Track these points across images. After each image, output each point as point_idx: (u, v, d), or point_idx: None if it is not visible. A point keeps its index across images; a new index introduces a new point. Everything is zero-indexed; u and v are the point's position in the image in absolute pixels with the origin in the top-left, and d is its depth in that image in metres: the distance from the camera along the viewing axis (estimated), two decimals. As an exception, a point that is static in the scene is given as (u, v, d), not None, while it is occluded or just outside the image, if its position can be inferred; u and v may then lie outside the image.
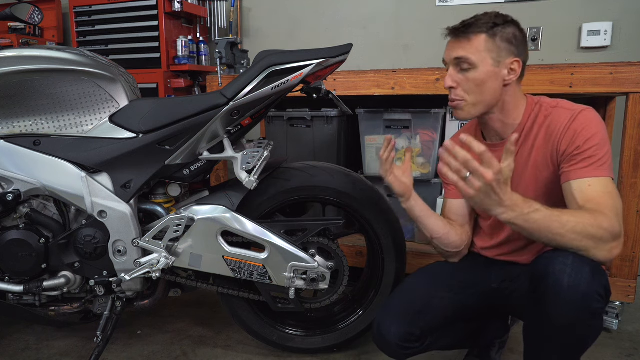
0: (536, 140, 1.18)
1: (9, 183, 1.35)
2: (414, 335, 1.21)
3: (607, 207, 1.00)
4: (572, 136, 1.10)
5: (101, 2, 2.77)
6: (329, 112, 2.05)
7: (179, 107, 1.35)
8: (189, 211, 1.40)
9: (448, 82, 1.18)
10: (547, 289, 0.96)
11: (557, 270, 0.95)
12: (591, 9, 2.34)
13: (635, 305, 1.95)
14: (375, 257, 1.60)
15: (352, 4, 2.78)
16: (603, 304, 0.96)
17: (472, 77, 1.15)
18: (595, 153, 1.07)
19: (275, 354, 1.65)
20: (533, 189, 1.20)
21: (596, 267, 0.97)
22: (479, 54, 1.13)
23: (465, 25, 1.15)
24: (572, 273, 0.94)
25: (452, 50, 1.17)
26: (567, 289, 0.93)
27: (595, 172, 1.06)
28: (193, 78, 2.91)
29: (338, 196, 1.50)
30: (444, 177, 1.40)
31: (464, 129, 1.40)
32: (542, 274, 0.98)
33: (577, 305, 0.93)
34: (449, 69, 1.19)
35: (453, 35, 1.17)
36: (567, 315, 0.94)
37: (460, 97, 1.18)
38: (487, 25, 1.13)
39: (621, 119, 1.69)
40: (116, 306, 1.46)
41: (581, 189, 1.06)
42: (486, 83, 1.15)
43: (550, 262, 0.97)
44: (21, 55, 1.30)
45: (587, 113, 1.12)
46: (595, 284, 0.94)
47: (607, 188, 1.04)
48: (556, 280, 0.95)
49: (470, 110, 1.19)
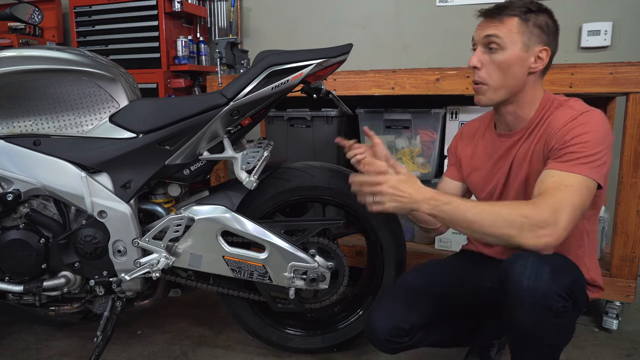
0: (536, 137, 1.18)
1: (9, 183, 1.35)
2: (403, 330, 1.22)
3: (549, 197, 1.00)
4: (564, 133, 1.08)
5: (101, 2, 2.77)
6: (329, 112, 2.05)
7: (179, 107, 1.35)
8: (189, 211, 1.40)
9: (473, 61, 1.15)
10: (510, 291, 0.98)
11: (517, 273, 0.97)
12: (591, 9, 2.34)
13: (635, 305, 1.95)
14: (375, 257, 1.60)
15: (352, 4, 2.78)
16: (565, 302, 0.96)
17: (499, 59, 1.12)
18: (581, 150, 1.04)
19: (275, 354, 1.65)
20: (527, 185, 1.20)
21: (560, 267, 0.97)
22: (510, 35, 1.11)
23: (500, 7, 1.13)
24: (531, 275, 0.95)
25: (483, 29, 1.15)
26: (526, 289, 0.95)
27: (574, 168, 1.03)
28: (193, 78, 2.91)
29: (338, 196, 1.50)
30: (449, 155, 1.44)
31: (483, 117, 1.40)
32: (505, 276, 0.99)
33: (537, 305, 0.95)
34: (477, 49, 1.16)
35: (486, 15, 1.15)
36: (528, 316, 0.96)
37: (482, 80, 1.15)
38: (521, 10, 1.12)
39: (621, 119, 1.69)
40: (116, 306, 1.46)
41: (542, 180, 1.06)
42: (512, 67, 1.12)
43: (512, 265, 0.98)
44: (21, 55, 1.30)
45: (589, 113, 1.09)
46: (555, 284, 0.95)
47: (567, 181, 1.01)
48: (516, 282, 0.96)
49: (492, 96, 1.16)
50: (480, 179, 1.32)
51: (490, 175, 1.29)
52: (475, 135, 1.36)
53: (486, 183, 1.31)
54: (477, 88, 1.18)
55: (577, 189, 1.01)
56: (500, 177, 1.26)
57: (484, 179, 1.31)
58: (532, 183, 1.18)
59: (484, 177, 1.31)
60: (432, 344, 1.35)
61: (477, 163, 1.33)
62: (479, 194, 1.35)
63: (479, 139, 1.35)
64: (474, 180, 1.35)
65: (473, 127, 1.39)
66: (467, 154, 1.36)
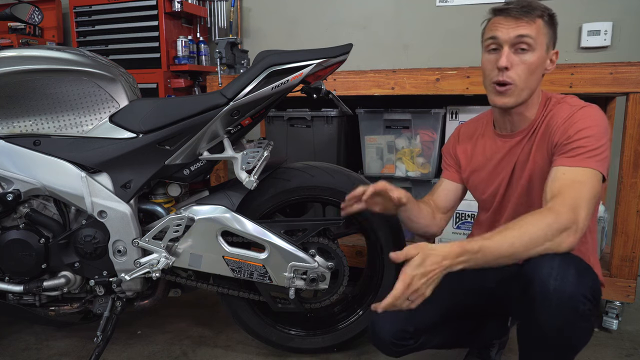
0: (537, 136, 1.18)
1: (9, 183, 1.35)
2: (407, 332, 1.21)
3: (565, 198, 1.00)
4: (566, 128, 1.10)
5: (101, 2, 2.77)
6: (329, 112, 2.05)
7: (179, 107, 1.35)
8: (189, 211, 1.40)
9: (504, 62, 1.10)
10: (535, 294, 0.97)
11: (543, 274, 0.96)
12: (591, 9, 2.34)
13: (635, 305, 1.95)
14: (375, 257, 1.60)
15: (352, 4, 2.78)
16: (590, 305, 0.96)
17: (529, 60, 1.11)
18: (586, 144, 1.05)
19: (275, 354, 1.65)
20: (531, 184, 1.20)
21: (583, 269, 0.97)
22: (539, 36, 1.10)
23: (524, 6, 1.10)
24: (558, 276, 0.94)
25: (512, 28, 1.10)
26: (553, 292, 0.94)
27: (582, 162, 1.04)
28: (193, 78, 2.91)
29: (338, 196, 1.49)
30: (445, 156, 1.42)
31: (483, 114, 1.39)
32: (530, 278, 0.98)
33: (564, 308, 0.94)
34: (504, 49, 1.11)
35: (513, 14, 1.10)
36: (554, 318, 0.95)
37: (511, 80, 1.12)
38: (544, 11, 1.11)
39: (621, 119, 1.69)
40: (116, 306, 1.46)
41: (553, 179, 1.06)
42: (538, 68, 1.12)
43: (537, 267, 0.98)
44: (21, 55, 1.30)
45: (587, 108, 1.11)
46: (582, 286, 0.95)
47: (579, 177, 1.03)
48: (542, 284, 0.95)
49: (518, 97, 1.14)
50: (482, 180, 1.32)
51: (493, 177, 1.29)
52: (474, 136, 1.36)
53: (488, 184, 1.30)
54: (505, 90, 1.13)
55: (589, 183, 1.02)
56: (503, 178, 1.26)
57: (485, 180, 1.31)
58: (536, 182, 1.19)
59: (485, 178, 1.31)
60: (436, 346, 1.34)
61: (477, 164, 1.33)
62: (481, 195, 1.34)
63: (478, 139, 1.34)
64: (474, 182, 1.35)
65: (470, 128, 1.39)
66: (467, 155, 1.36)
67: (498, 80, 1.13)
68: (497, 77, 1.13)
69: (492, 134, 1.30)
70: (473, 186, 1.36)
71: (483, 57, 1.18)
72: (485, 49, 1.17)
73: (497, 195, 1.29)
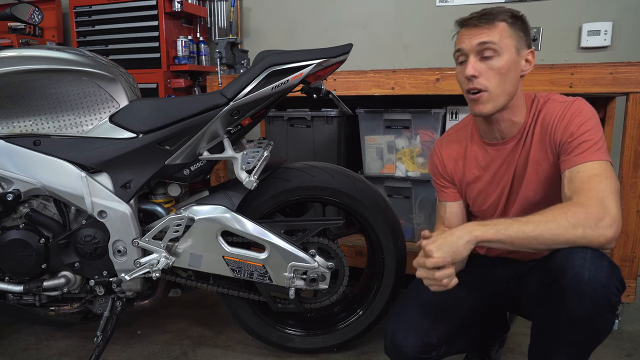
0: (533, 136, 1.18)
1: (9, 183, 1.35)
2: (431, 344, 1.19)
3: (588, 192, 1.00)
4: (565, 125, 1.10)
5: (101, 2, 2.77)
6: (329, 112, 2.04)
7: (179, 107, 1.35)
8: (189, 211, 1.40)
9: (470, 71, 1.11)
10: (567, 283, 0.96)
11: (576, 265, 0.95)
12: (591, 9, 2.34)
13: (635, 305, 1.95)
14: (375, 257, 1.60)
15: (352, 4, 2.78)
16: (620, 297, 0.97)
17: (497, 64, 1.10)
18: (590, 137, 1.07)
19: (275, 354, 1.65)
20: (534, 186, 1.20)
21: (613, 262, 0.98)
22: (503, 40, 1.10)
23: (484, 14, 1.11)
24: (592, 267, 0.94)
25: (474, 36, 1.11)
26: (587, 282, 0.94)
27: (592, 156, 1.05)
28: (193, 78, 2.91)
29: (338, 196, 1.50)
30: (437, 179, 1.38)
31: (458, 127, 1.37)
32: (561, 268, 0.97)
33: (598, 298, 0.94)
34: (470, 58, 1.12)
35: (472, 23, 1.12)
36: (587, 308, 0.95)
37: (483, 87, 1.12)
38: (506, 14, 1.11)
39: (621, 119, 1.69)
40: (116, 306, 1.46)
41: (570, 178, 1.06)
42: (510, 71, 1.12)
43: (569, 257, 0.97)
44: (21, 55, 1.30)
45: (578, 102, 1.13)
46: (614, 277, 0.95)
47: (594, 171, 1.03)
48: (576, 274, 0.95)
49: (494, 103, 1.13)
50: (481, 191, 1.29)
51: (492, 186, 1.27)
52: (460, 151, 1.32)
53: (489, 194, 1.28)
54: (477, 97, 1.13)
55: (606, 174, 1.03)
56: (504, 186, 1.25)
57: (485, 190, 1.28)
58: (539, 184, 1.18)
59: (483, 189, 1.28)
60: (455, 352, 1.32)
61: (472, 176, 1.30)
62: (481, 206, 1.31)
63: (467, 151, 1.31)
64: (472, 194, 1.32)
65: (452, 141, 1.35)
66: (459, 170, 1.32)
67: (469, 88, 1.14)
68: (467, 85, 1.14)
69: (481, 143, 1.27)
70: (471, 198, 1.33)
71: (456, 70, 1.19)
72: (456, 63, 1.18)
73: (499, 204, 1.27)
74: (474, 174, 1.29)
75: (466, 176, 1.31)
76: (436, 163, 1.36)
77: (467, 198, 1.34)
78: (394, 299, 1.59)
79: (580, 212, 0.97)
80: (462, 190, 1.34)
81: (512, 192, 1.25)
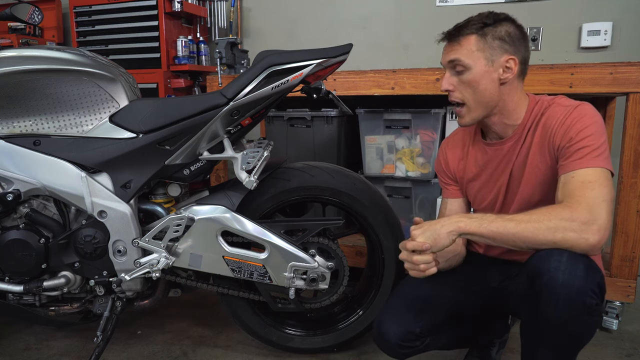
0: (533, 138, 1.18)
1: (9, 183, 1.35)
2: (413, 333, 1.22)
3: (579, 197, 1.00)
4: (565, 129, 1.10)
5: (101, 2, 2.77)
6: (329, 112, 2.05)
7: (179, 107, 1.35)
8: (189, 211, 1.40)
9: (444, 85, 1.20)
10: (542, 287, 0.97)
11: (551, 268, 0.96)
12: (591, 9, 2.34)
13: (635, 305, 1.95)
14: (375, 257, 1.60)
15: (352, 4, 2.78)
16: (597, 300, 0.96)
17: (467, 78, 1.16)
18: (589, 143, 1.06)
19: (275, 354, 1.65)
20: (531, 188, 1.20)
21: (590, 264, 0.97)
22: (470, 55, 1.14)
23: (457, 28, 1.17)
24: (566, 270, 0.95)
25: (446, 54, 1.20)
26: (561, 285, 0.94)
27: (590, 162, 1.05)
28: (193, 78, 2.91)
29: (338, 196, 1.50)
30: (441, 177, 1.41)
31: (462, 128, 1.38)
32: (537, 271, 0.98)
33: (572, 301, 0.94)
34: (445, 73, 1.21)
35: (447, 39, 1.20)
36: (562, 311, 0.95)
37: (459, 100, 1.19)
38: (476, 26, 1.14)
39: (621, 119, 1.69)
40: (116, 306, 1.46)
41: (564, 182, 1.06)
42: (480, 83, 1.15)
43: (545, 260, 0.98)
44: (21, 55, 1.30)
45: (582, 107, 1.12)
46: (589, 280, 0.95)
47: (589, 177, 1.03)
48: (550, 277, 0.95)
49: (472, 115, 1.19)
50: (479, 189, 1.31)
51: (489, 185, 1.29)
52: (463, 148, 1.35)
53: (487, 192, 1.30)
54: (458, 111, 1.21)
55: (601, 182, 1.02)
56: (501, 185, 1.26)
57: (483, 188, 1.30)
58: (536, 185, 1.19)
59: (482, 186, 1.30)
60: (441, 347, 1.34)
61: (471, 174, 1.33)
62: (479, 205, 1.34)
63: (469, 150, 1.34)
64: (471, 192, 1.34)
65: (457, 141, 1.38)
66: (461, 168, 1.35)
67: (449, 100, 1.22)
68: (449, 98, 1.22)
69: (481, 143, 1.30)
70: (470, 196, 1.36)
71: None
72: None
73: (496, 202, 1.28)
74: (473, 172, 1.32)
75: (466, 174, 1.34)
76: (440, 160, 1.41)
77: (468, 196, 1.37)
78: (394, 299, 1.59)
79: (565, 215, 0.97)
80: (464, 188, 1.37)
81: (509, 192, 1.26)
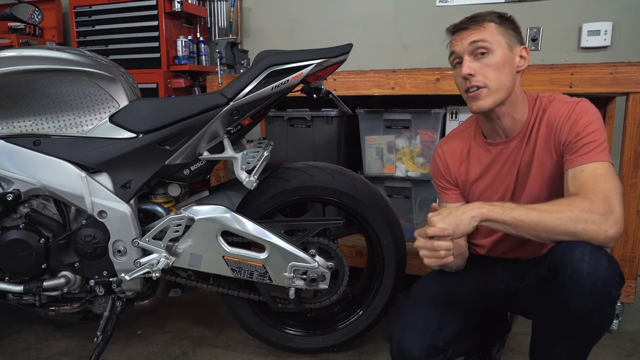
0: (538, 135, 1.18)
1: (9, 183, 1.35)
2: (437, 348, 1.19)
3: (593, 189, 1.01)
4: (571, 124, 1.11)
5: (101, 2, 2.77)
6: (329, 112, 2.04)
7: (179, 107, 1.35)
8: (189, 211, 1.40)
9: (465, 70, 1.14)
10: (566, 278, 0.96)
11: (575, 259, 0.95)
12: (591, 9, 2.34)
13: (635, 305, 1.95)
14: (375, 257, 1.60)
15: (352, 4, 2.78)
16: (619, 291, 0.97)
17: (491, 61, 1.13)
18: (595, 138, 1.08)
19: (275, 354, 1.65)
20: (539, 185, 1.20)
21: (611, 256, 0.98)
22: (494, 37, 1.13)
23: (472, 17, 1.16)
24: (591, 261, 0.94)
25: (465, 38, 1.15)
26: (587, 276, 0.94)
27: (597, 157, 1.07)
28: (193, 78, 2.91)
29: (338, 196, 1.50)
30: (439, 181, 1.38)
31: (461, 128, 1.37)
32: (560, 263, 0.97)
33: (597, 292, 0.94)
34: (464, 58, 1.15)
35: (462, 27, 1.17)
36: (587, 302, 0.94)
37: (481, 83, 1.14)
38: (493, 15, 1.15)
39: (621, 119, 1.69)
40: (116, 306, 1.46)
41: (574, 176, 1.07)
42: (505, 66, 1.14)
43: (568, 252, 0.97)
44: (21, 55, 1.30)
45: (583, 103, 1.14)
46: (613, 271, 0.95)
47: (598, 171, 1.05)
48: (575, 268, 0.95)
49: (494, 98, 1.15)
50: (485, 189, 1.29)
51: (496, 184, 1.27)
52: (463, 151, 1.33)
53: (494, 192, 1.28)
54: (476, 94, 1.15)
55: (610, 175, 1.04)
56: (509, 184, 1.25)
57: (489, 188, 1.29)
58: (544, 182, 1.19)
59: (486, 187, 1.29)
60: (461, 354, 1.32)
61: (475, 175, 1.30)
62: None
63: (471, 152, 1.32)
64: (476, 192, 1.31)
65: (456, 145, 1.35)
66: (462, 171, 1.33)
67: (467, 87, 1.16)
68: (465, 85, 1.16)
69: (483, 144, 1.28)
70: (475, 197, 1.32)
71: (453, 74, 1.23)
72: (452, 67, 1.22)
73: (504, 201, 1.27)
74: (476, 173, 1.30)
75: (470, 176, 1.31)
76: (438, 164, 1.37)
77: (471, 197, 1.34)
78: (394, 299, 1.59)
79: (585, 206, 0.98)
80: (466, 191, 1.34)
81: (516, 190, 1.25)
